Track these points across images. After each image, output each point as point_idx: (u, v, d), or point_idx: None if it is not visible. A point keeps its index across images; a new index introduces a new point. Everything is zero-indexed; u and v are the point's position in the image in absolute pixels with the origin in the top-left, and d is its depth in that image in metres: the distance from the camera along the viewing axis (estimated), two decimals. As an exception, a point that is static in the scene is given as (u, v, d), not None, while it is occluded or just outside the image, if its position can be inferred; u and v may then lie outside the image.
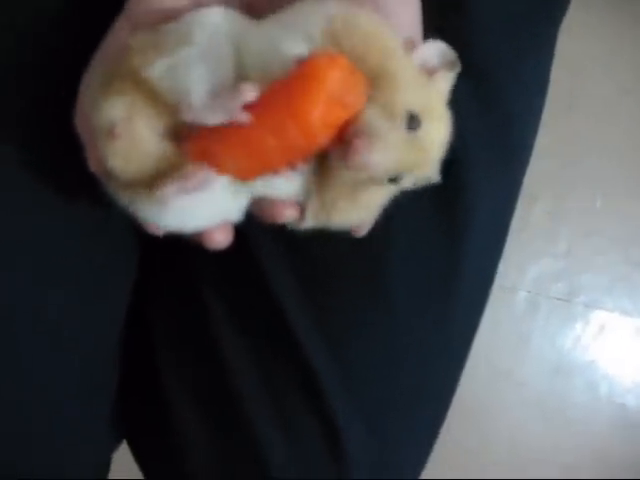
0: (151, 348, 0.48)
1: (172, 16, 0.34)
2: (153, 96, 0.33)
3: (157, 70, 0.32)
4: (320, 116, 0.31)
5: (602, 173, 1.19)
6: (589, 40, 1.21)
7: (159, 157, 0.33)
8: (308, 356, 0.44)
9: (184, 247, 0.45)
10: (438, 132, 0.34)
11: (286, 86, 0.31)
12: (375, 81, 0.32)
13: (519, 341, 1.18)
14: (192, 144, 0.32)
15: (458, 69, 0.35)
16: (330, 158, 0.33)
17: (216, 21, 0.34)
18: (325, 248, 0.44)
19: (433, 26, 0.36)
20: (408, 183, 0.35)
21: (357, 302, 0.44)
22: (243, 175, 0.33)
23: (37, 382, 0.44)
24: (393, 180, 0.33)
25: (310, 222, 0.35)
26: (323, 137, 0.32)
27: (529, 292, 1.17)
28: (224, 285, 0.46)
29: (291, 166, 0.33)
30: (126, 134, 0.32)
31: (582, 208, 1.18)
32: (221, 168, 0.32)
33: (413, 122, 0.32)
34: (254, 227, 0.36)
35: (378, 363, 0.45)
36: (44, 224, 0.42)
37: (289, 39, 0.32)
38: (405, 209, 0.37)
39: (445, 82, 0.35)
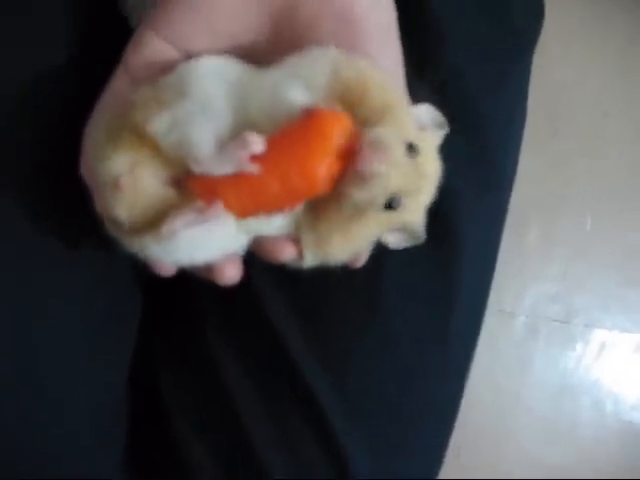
0: (159, 391, 0.50)
1: (168, 67, 0.36)
2: (156, 148, 0.34)
3: (160, 125, 0.34)
4: (325, 169, 0.33)
5: (590, 195, 1.21)
6: (571, 66, 1.24)
7: (164, 204, 0.35)
8: (310, 385, 0.45)
9: (187, 291, 0.47)
10: (433, 168, 0.36)
11: (293, 137, 0.34)
12: (378, 113, 0.35)
13: (522, 365, 1.18)
14: (197, 184, 0.34)
15: (447, 130, 0.37)
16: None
17: (209, 68, 0.36)
18: (321, 280, 0.44)
19: (411, 58, 0.39)
20: (404, 218, 0.36)
21: (355, 331, 0.46)
22: (243, 214, 0.35)
23: (47, 431, 0.45)
24: (390, 206, 0.35)
25: (309, 259, 0.37)
26: (324, 186, 0.34)
27: (527, 316, 1.18)
28: (227, 323, 0.47)
29: (290, 209, 0.34)
30: (130, 186, 0.34)
31: (574, 231, 1.20)
32: (224, 206, 0.34)
33: (412, 150, 0.35)
34: (253, 264, 0.37)
35: (379, 389, 0.47)
36: (47, 271, 0.44)
37: (294, 87, 0.35)
38: None
39: (435, 136, 0.37)
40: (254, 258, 0.37)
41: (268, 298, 0.45)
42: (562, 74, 1.23)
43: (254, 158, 0.33)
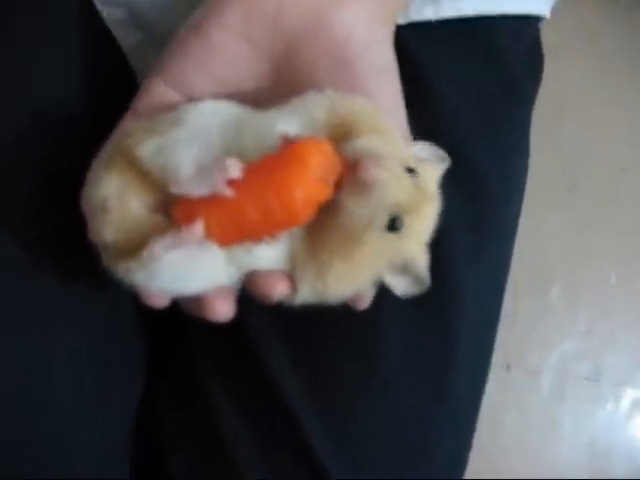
0: (159, 439, 0.49)
1: (171, 108, 0.37)
2: (144, 173, 0.35)
3: (147, 149, 0.35)
4: (302, 196, 0.33)
5: (613, 249, 1.20)
6: (589, 122, 1.25)
7: (149, 228, 0.35)
8: (308, 436, 0.44)
9: (187, 335, 0.47)
10: (434, 192, 0.36)
11: (272, 164, 0.34)
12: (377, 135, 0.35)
13: (551, 425, 1.16)
14: (178, 208, 0.35)
15: (447, 164, 0.37)
16: (327, 214, 0.35)
17: (207, 107, 0.37)
18: (319, 328, 0.45)
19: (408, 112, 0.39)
20: (404, 247, 0.36)
21: (354, 381, 0.45)
22: (223, 240, 0.35)
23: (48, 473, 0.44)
24: (392, 226, 0.35)
25: (305, 293, 0.36)
26: (303, 215, 0.34)
27: (554, 375, 1.16)
28: (224, 371, 0.47)
29: (272, 237, 0.35)
30: (117, 208, 0.35)
31: (598, 286, 1.19)
32: (205, 231, 0.34)
33: (411, 171, 0.35)
34: (250, 310, 0.37)
35: (377, 440, 0.46)
36: (52, 313, 0.44)
37: (283, 120, 0.35)
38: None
39: (435, 169, 0.37)
40: (251, 303, 0.37)
41: (265, 346, 0.45)
42: (580, 130, 1.24)
43: (233, 183, 0.33)
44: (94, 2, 0.45)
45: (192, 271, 0.35)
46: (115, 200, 0.35)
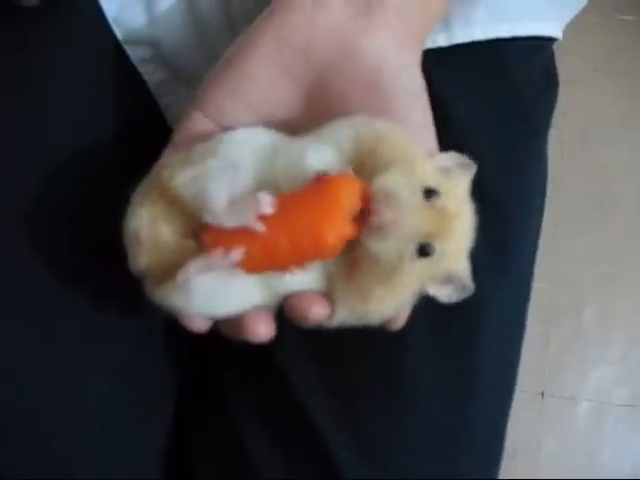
0: (190, 461, 0.50)
1: (207, 138, 0.38)
2: (177, 203, 0.36)
3: (182, 179, 0.36)
4: (332, 234, 0.34)
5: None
6: (615, 148, 1.25)
7: (181, 254, 0.36)
8: (335, 456, 0.45)
9: (214, 363, 0.47)
10: (461, 208, 0.36)
11: (304, 199, 0.35)
12: (389, 164, 0.35)
13: (590, 453, 1.14)
14: (209, 235, 0.36)
15: (474, 171, 0.38)
16: (360, 244, 0.35)
17: (241, 136, 0.38)
18: (346, 348, 0.45)
19: None
20: (443, 265, 0.36)
21: (380, 403, 0.45)
22: (252, 268, 0.35)
23: None
24: (423, 252, 0.35)
25: (344, 315, 0.37)
26: (332, 250, 0.35)
27: (591, 401, 1.15)
28: (252, 393, 0.47)
29: (300, 268, 0.35)
30: (150, 236, 0.36)
31: (632, 310, 1.18)
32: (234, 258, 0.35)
33: (430, 194, 0.35)
34: (277, 331, 0.37)
35: (404, 464, 0.46)
36: (86, 345, 0.45)
37: (313, 152, 0.36)
38: (416, 312, 0.39)
39: (462, 178, 0.38)
40: (280, 326, 0.37)
41: (292, 367, 0.46)
42: (609, 156, 1.24)
43: (264, 217, 0.34)
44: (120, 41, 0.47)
45: (226, 294, 0.36)
46: (147, 229, 0.36)
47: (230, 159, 0.36)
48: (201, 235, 0.36)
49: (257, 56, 0.39)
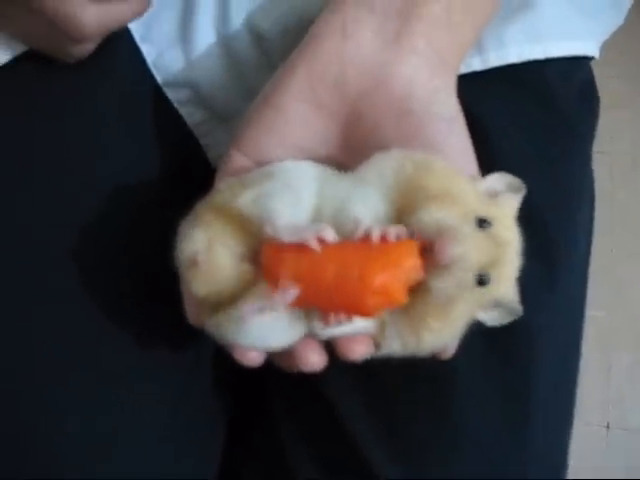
0: None
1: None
2: (232, 225, 0.37)
3: (245, 200, 0.36)
4: (380, 286, 0.34)
5: None
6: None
7: (237, 279, 0.36)
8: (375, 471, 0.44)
9: (263, 392, 0.47)
10: (511, 235, 0.36)
11: (364, 251, 0.34)
12: (441, 196, 0.35)
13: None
14: (265, 252, 0.36)
15: (523, 192, 0.37)
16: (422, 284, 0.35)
17: (291, 166, 0.38)
18: (392, 374, 0.44)
19: None
20: (494, 292, 0.36)
21: (428, 430, 0.45)
22: (301, 304, 0.35)
23: None
24: (481, 282, 0.35)
25: (394, 348, 0.36)
26: (371, 308, 0.34)
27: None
28: (300, 423, 0.47)
29: (334, 312, 0.35)
30: (207, 261, 0.36)
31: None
32: (281, 279, 0.34)
33: (483, 224, 0.35)
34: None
35: None
36: (136, 376, 0.45)
37: (360, 199, 0.36)
38: (465, 339, 0.38)
39: (511, 201, 0.37)
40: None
41: (340, 396, 0.46)
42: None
43: (321, 243, 0.34)
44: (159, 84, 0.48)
45: (280, 326, 0.36)
46: (205, 254, 0.36)
47: (288, 181, 0.37)
48: (257, 258, 0.36)
49: (290, 93, 0.39)
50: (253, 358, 0.37)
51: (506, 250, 0.36)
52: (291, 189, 0.37)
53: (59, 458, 0.44)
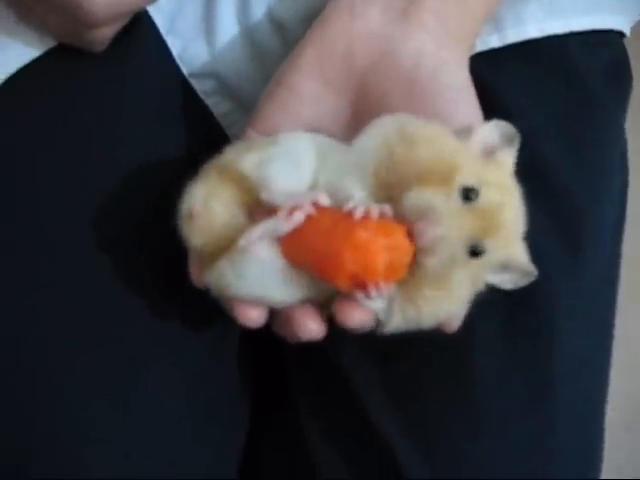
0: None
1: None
2: (233, 183, 0.38)
3: (247, 162, 0.38)
4: (346, 275, 0.34)
5: None
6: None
7: (234, 230, 0.37)
8: (408, 471, 0.44)
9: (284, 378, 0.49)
10: (503, 199, 0.36)
11: (352, 222, 0.35)
12: (427, 171, 0.36)
13: None
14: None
15: (518, 143, 0.38)
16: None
17: (300, 135, 0.40)
18: (412, 356, 0.45)
19: None
20: (494, 260, 0.36)
21: (445, 409, 0.45)
22: (287, 254, 0.36)
23: None
24: (475, 252, 0.35)
25: (396, 322, 0.37)
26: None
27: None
28: (322, 409, 0.48)
29: (319, 276, 0.36)
30: (203, 213, 0.38)
31: None
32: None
33: (469, 194, 0.35)
34: (343, 345, 0.37)
35: (480, 467, 0.45)
36: (157, 355, 0.45)
37: (350, 178, 0.37)
38: (484, 311, 0.39)
39: (507, 158, 0.38)
40: (344, 336, 0.37)
41: (362, 385, 0.46)
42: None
43: (316, 207, 0.35)
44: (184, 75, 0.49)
45: (277, 277, 0.36)
46: (201, 206, 0.38)
47: (292, 149, 0.38)
48: (253, 216, 0.37)
49: (300, 72, 0.41)
50: (254, 317, 0.37)
51: (500, 214, 0.36)
52: (291, 157, 0.38)
53: (78, 442, 0.43)
